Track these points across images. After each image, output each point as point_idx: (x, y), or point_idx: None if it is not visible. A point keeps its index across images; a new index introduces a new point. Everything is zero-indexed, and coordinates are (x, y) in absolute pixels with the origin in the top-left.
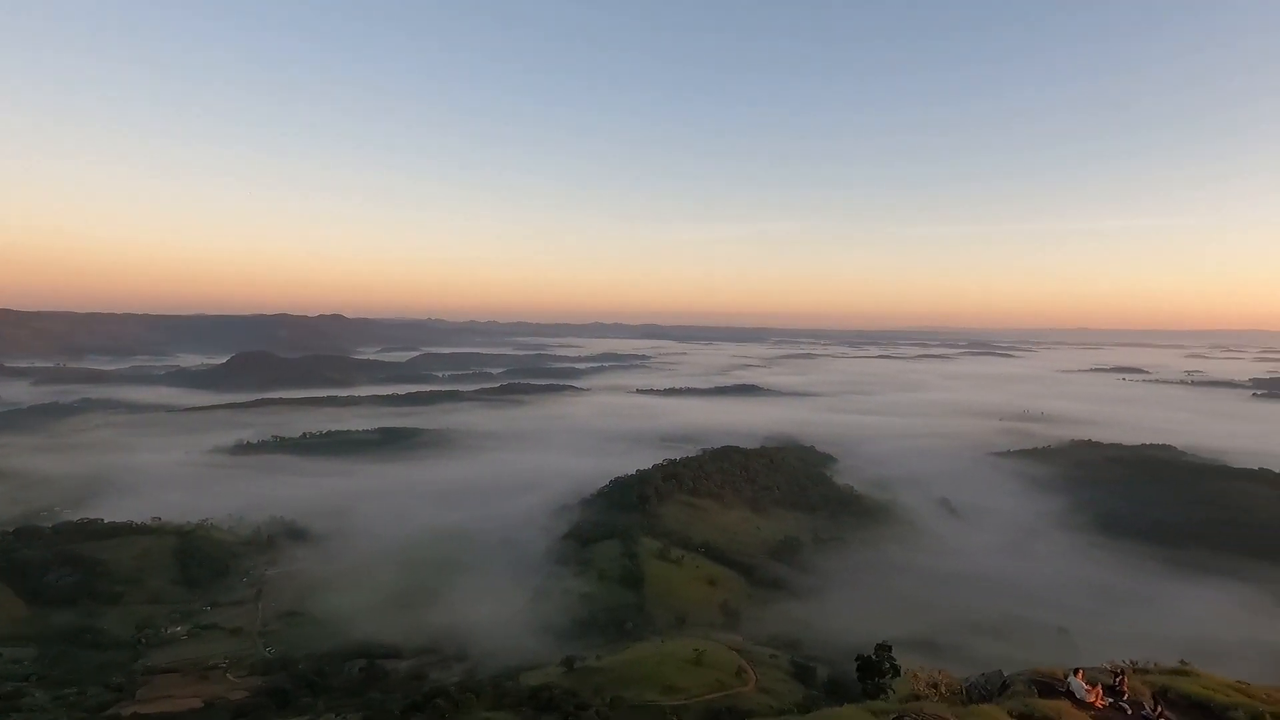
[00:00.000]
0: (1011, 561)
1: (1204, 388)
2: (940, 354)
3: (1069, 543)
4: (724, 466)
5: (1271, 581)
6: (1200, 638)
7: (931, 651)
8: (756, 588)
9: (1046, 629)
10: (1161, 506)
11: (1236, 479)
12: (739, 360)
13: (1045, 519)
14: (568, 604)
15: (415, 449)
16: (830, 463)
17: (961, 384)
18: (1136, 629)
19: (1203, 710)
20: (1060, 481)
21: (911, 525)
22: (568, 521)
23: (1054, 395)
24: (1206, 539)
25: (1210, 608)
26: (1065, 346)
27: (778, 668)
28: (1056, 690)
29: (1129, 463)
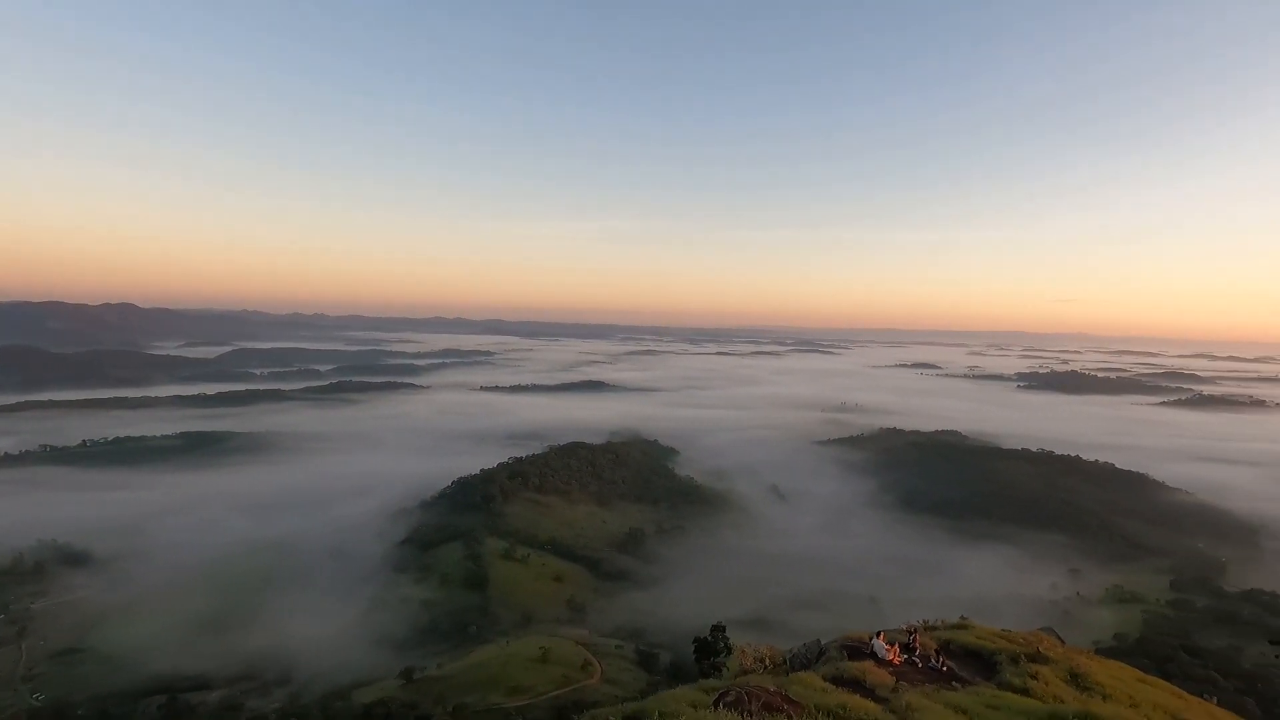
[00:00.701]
0: (830, 540)
1: (981, 381)
2: (771, 351)
3: (878, 520)
4: (570, 463)
5: (1032, 543)
6: (978, 595)
7: (762, 628)
8: (602, 581)
9: (859, 598)
10: (949, 484)
11: (1006, 458)
12: (586, 356)
13: (858, 499)
14: (407, 612)
15: (228, 455)
16: (673, 455)
17: (790, 379)
18: (930, 592)
19: (975, 657)
20: (871, 465)
21: (745, 511)
22: (406, 526)
23: (866, 388)
24: (983, 510)
25: (986, 569)
26: (876, 345)
27: (623, 657)
28: (863, 652)
29: (925, 447)
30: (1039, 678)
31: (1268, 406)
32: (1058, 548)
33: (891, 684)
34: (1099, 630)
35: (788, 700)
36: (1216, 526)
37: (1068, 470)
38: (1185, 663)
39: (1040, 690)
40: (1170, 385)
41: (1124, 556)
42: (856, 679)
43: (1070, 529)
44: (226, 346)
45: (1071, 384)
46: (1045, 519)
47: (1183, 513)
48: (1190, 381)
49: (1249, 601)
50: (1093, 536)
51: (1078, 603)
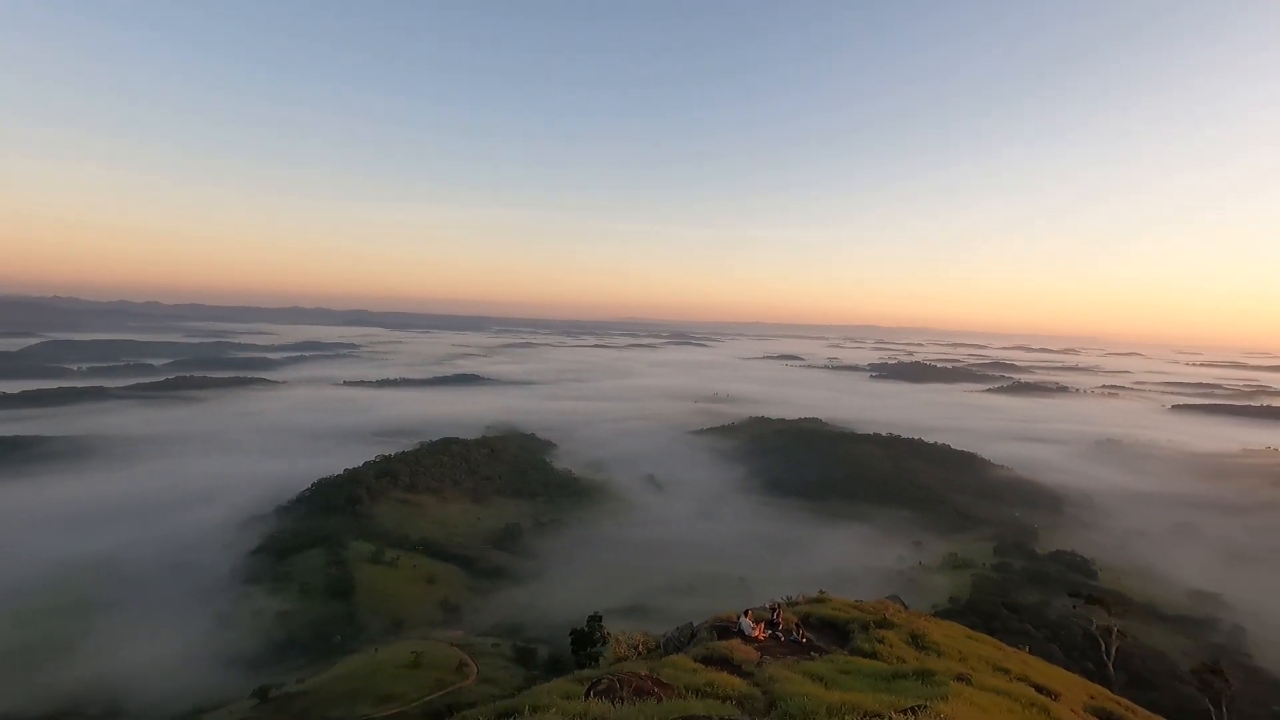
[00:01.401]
0: (704, 525)
1: (839, 371)
2: (648, 343)
3: (747, 504)
4: (443, 459)
5: (882, 519)
6: (836, 569)
7: (640, 615)
8: (478, 579)
9: (730, 580)
10: (811, 468)
11: (860, 443)
12: (459, 349)
13: (729, 486)
14: (261, 627)
15: (36, 462)
16: (550, 449)
17: (665, 370)
18: (794, 569)
19: (832, 627)
20: (741, 453)
21: (623, 501)
22: (259, 534)
23: (736, 379)
24: (841, 491)
25: (842, 545)
26: (745, 337)
27: (500, 656)
28: (731, 631)
29: (789, 434)
30: (886, 642)
31: (1070, 392)
32: (904, 522)
33: (756, 659)
34: (937, 594)
35: (658, 683)
36: (1030, 497)
37: (912, 452)
38: (1005, 618)
39: (886, 653)
40: (995, 374)
41: (958, 527)
42: (725, 657)
43: (914, 505)
44: (33, 337)
45: (915, 374)
46: (893, 497)
47: (1004, 486)
48: (1010, 370)
49: (1055, 561)
50: (932, 511)
51: (920, 571)
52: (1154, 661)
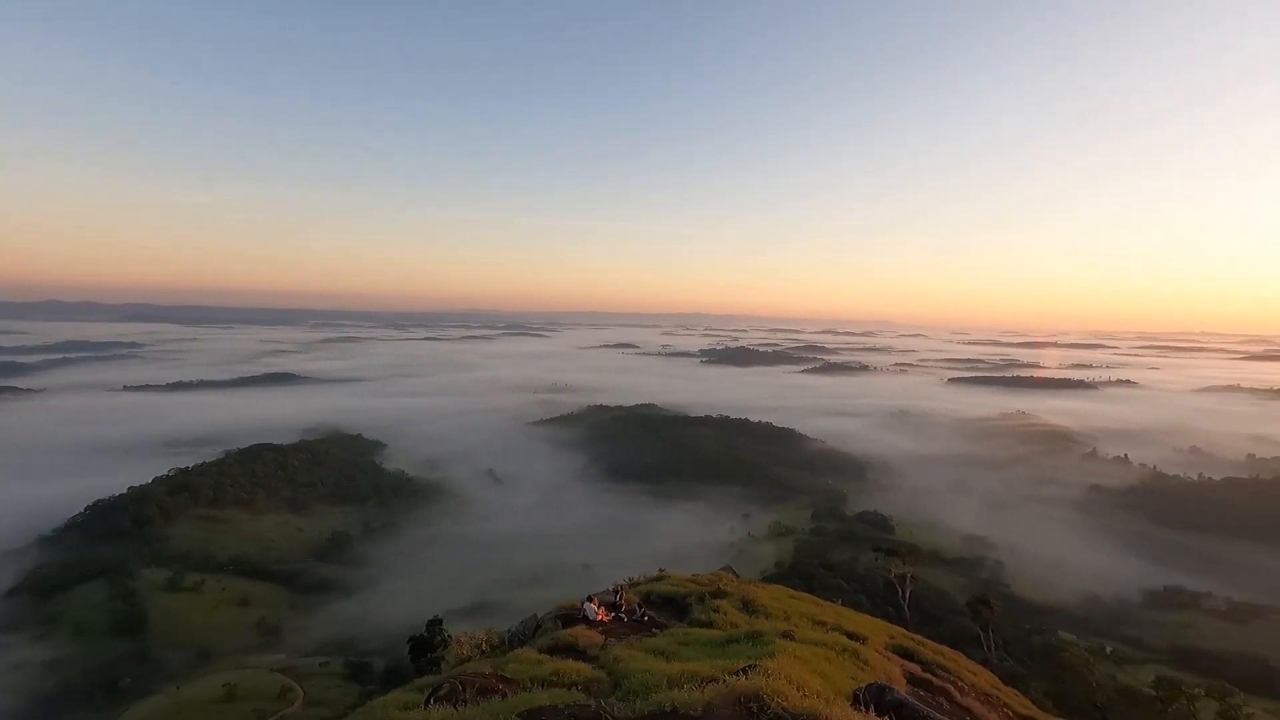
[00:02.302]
0: (546, 516)
1: (672, 357)
2: (483, 335)
3: (588, 492)
4: (255, 468)
5: (714, 496)
6: (675, 547)
7: (484, 613)
8: (302, 595)
9: (574, 568)
10: (649, 452)
11: (693, 425)
12: (269, 345)
13: (571, 475)
14: (22, 682)
15: None
16: (379, 449)
17: (502, 362)
18: (636, 551)
19: (672, 602)
20: (581, 441)
21: (461, 498)
22: (16, 571)
23: (575, 368)
24: (676, 473)
25: (680, 524)
26: (583, 327)
27: (331, 675)
28: (576, 618)
29: (627, 420)
30: (720, 611)
31: (870, 370)
32: (734, 497)
33: (601, 642)
34: (765, 561)
35: (503, 680)
36: (840, 466)
37: (740, 431)
38: (822, 576)
39: (721, 621)
40: (809, 356)
41: (781, 498)
42: (570, 644)
43: (742, 480)
44: None
45: (741, 358)
46: (724, 474)
47: (818, 457)
48: (821, 352)
49: (862, 521)
50: (758, 485)
51: (749, 541)
52: (939, 599)
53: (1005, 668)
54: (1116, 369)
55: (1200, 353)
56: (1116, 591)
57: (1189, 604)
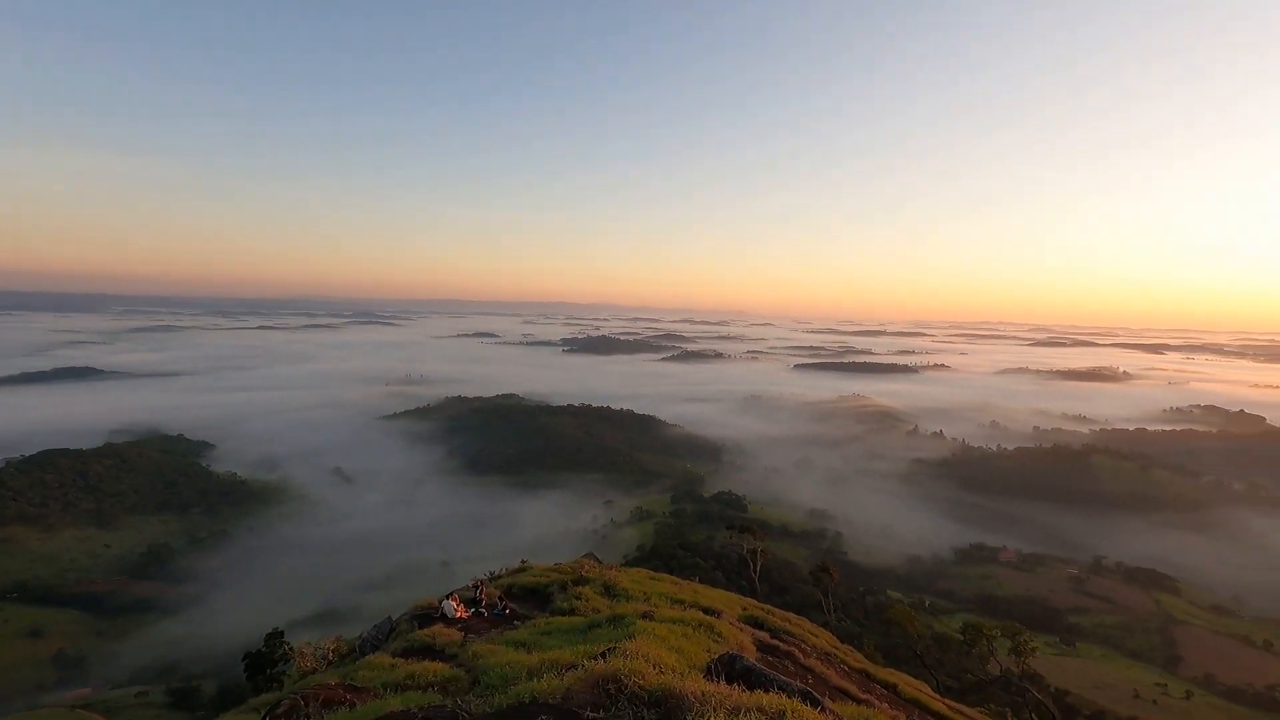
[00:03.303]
0: (401, 514)
1: (533, 347)
2: (328, 324)
3: (446, 486)
4: (45, 478)
5: (577, 485)
6: (538, 537)
7: (332, 620)
8: (111, 620)
9: (432, 566)
10: (510, 443)
11: (555, 414)
12: (63, 336)
13: (427, 469)
14: None
15: None
16: (206, 450)
17: (350, 353)
18: (498, 544)
19: (534, 593)
20: (438, 434)
21: (305, 500)
22: None
23: (431, 359)
24: (538, 462)
25: (543, 513)
26: (438, 315)
27: (148, 706)
28: (434, 617)
29: (487, 411)
30: (582, 598)
31: (725, 357)
32: (597, 484)
33: (460, 640)
34: (627, 546)
35: (351, 689)
36: (697, 450)
37: (601, 419)
38: (681, 556)
39: (583, 607)
40: (668, 344)
41: (642, 483)
42: (427, 645)
43: (605, 468)
44: None
45: (603, 346)
46: (587, 462)
47: (677, 442)
48: (680, 341)
49: (717, 501)
50: (620, 471)
51: (612, 527)
52: (786, 570)
53: (843, 628)
54: (934, 355)
55: (999, 340)
56: (934, 551)
57: (989, 558)
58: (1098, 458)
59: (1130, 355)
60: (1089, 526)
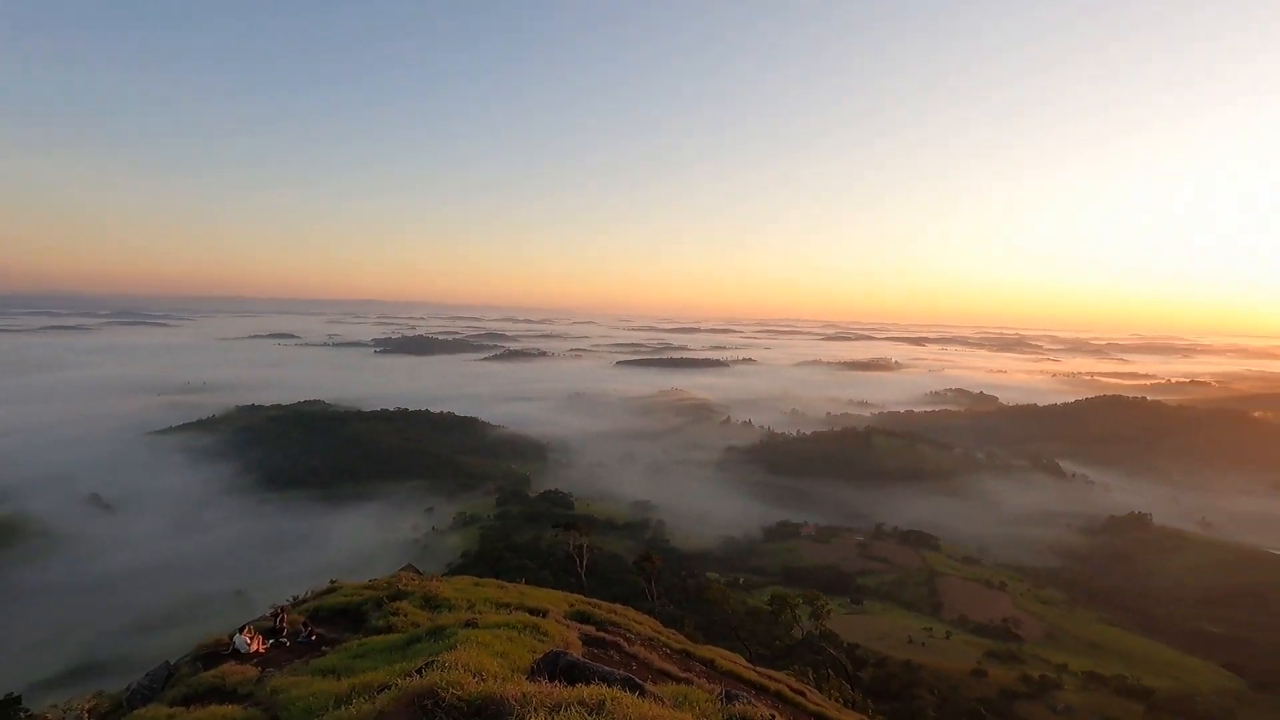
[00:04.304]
0: (181, 541)
1: (341, 348)
2: (76, 325)
3: (240, 505)
4: None
5: (395, 494)
6: (352, 554)
7: (95, 673)
8: None
9: (224, 597)
10: (317, 454)
11: (367, 420)
12: None
13: (214, 488)
14: None
15: None
16: None
17: (109, 358)
18: (304, 567)
19: (345, 614)
20: (228, 447)
21: (50, 535)
22: None
23: (217, 364)
24: (351, 473)
25: (356, 528)
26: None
27: None
28: (223, 654)
29: (288, 420)
30: (400, 613)
31: (548, 356)
32: (416, 492)
33: (255, 676)
34: (451, 554)
35: None
36: (522, 450)
37: (420, 423)
38: (508, 559)
39: (401, 623)
40: (490, 344)
41: (466, 487)
42: (215, 687)
43: (425, 474)
44: None
45: (420, 346)
46: (404, 470)
47: (502, 443)
48: (502, 340)
49: (544, 501)
50: (442, 476)
51: (434, 535)
52: (613, 563)
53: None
54: (742, 350)
55: (796, 335)
56: (746, 531)
57: (793, 533)
58: (877, 438)
59: (900, 347)
60: (871, 498)
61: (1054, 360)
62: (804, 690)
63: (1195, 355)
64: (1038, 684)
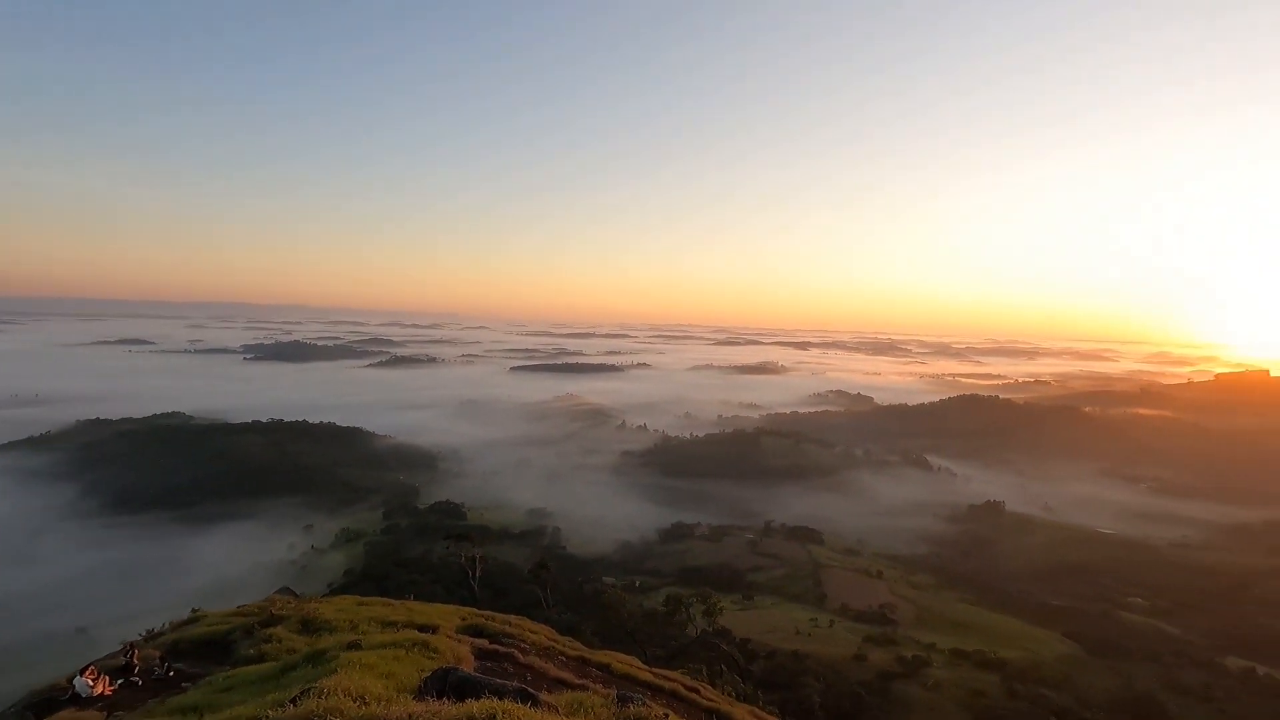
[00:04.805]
0: (10, 575)
1: (205, 355)
2: None
3: (82, 532)
4: None
5: (269, 512)
6: (218, 579)
7: None
8: None
9: (63, 636)
10: (175, 471)
11: (236, 433)
12: None
13: (51, 514)
14: None
15: None
16: None
17: None
18: (161, 598)
19: (210, 645)
20: (68, 467)
21: None
22: None
23: (55, 373)
24: (216, 492)
25: (223, 550)
26: (62, 317)
27: None
28: (61, 701)
29: (141, 435)
30: (273, 639)
31: (438, 362)
32: (293, 509)
33: None
34: (333, 573)
35: None
36: (411, 460)
37: (298, 435)
38: (396, 575)
39: (275, 650)
40: (375, 349)
41: (349, 502)
42: None
43: (303, 489)
44: None
45: (296, 353)
46: (280, 486)
47: (389, 454)
48: (388, 345)
49: (435, 512)
50: (322, 491)
51: (313, 555)
52: (507, 573)
53: (563, 619)
54: (637, 354)
55: (689, 340)
56: (641, 534)
57: (687, 534)
58: (765, 438)
59: (786, 351)
60: (761, 496)
61: (922, 363)
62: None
63: (1038, 357)
64: (910, 664)
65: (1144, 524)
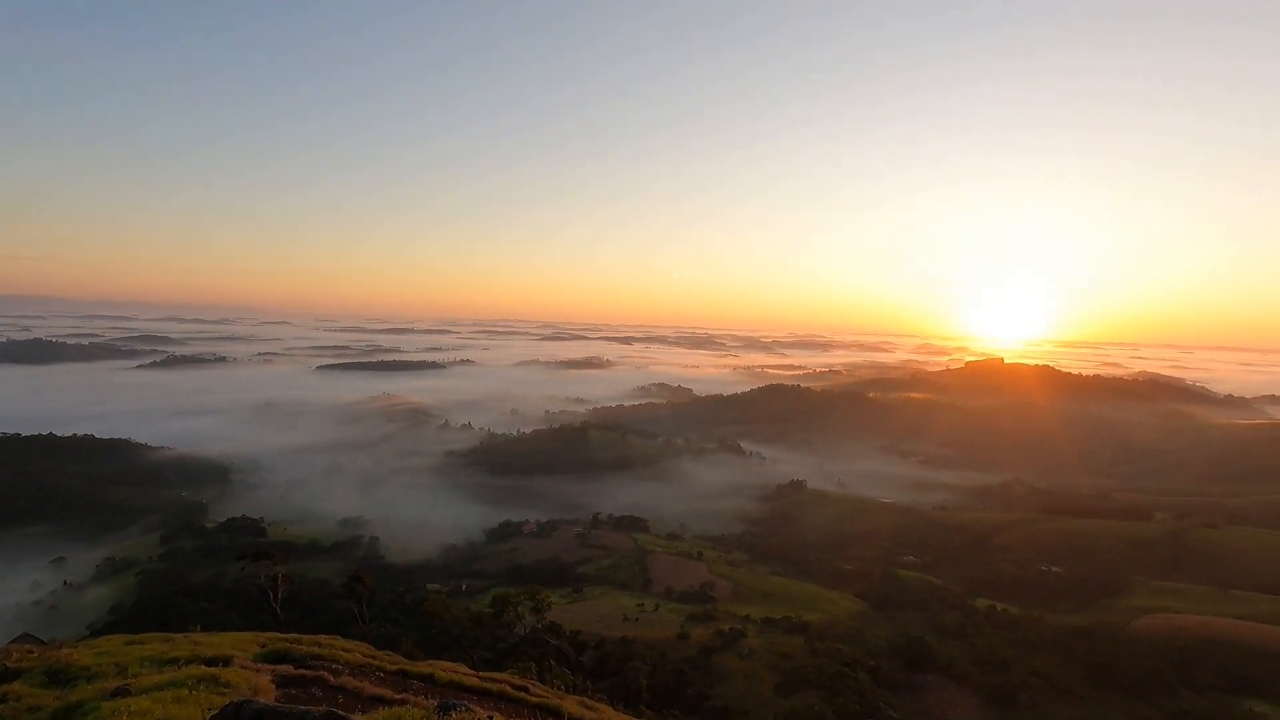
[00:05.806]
0: None
1: None
2: None
3: None
4: None
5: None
6: None
7: None
8: None
9: None
10: None
11: None
12: None
13: None
14: None
15: None
16: None
17: None
18: None
19: None
20: None
21: None
22: None
23: None
24: None
25: None
26: None
27: None
28: None
29: None
30: (8, 699)
31: (229, 361)
32: (37, 539)
33: None
34: (94, 611)
35: None
36: (196, 474)
37: (42, 451)
38: (180, 605)
39: (13, 710)
40: (146, 349)
41: (114, 526)
42: None
43: (51, 515)
44: None
45: (37, 354)
46: (18, 512)
47: (166, 468)
48: (164, 344)
49: (227, 530)
50: (77, 517)
51: (66, 592)
52: (317, 590)
53: (382, 633)
54: (460, 350)
55: (515, 335)
56: (467, 536)
57: (515, 532)
58: (592, 432)
59: (611, 346)
60: (589, 489)
61: (735, 356)
62: (527, 685)
63: (831, 349)
64: (728, 636)
65: (914, 492)
